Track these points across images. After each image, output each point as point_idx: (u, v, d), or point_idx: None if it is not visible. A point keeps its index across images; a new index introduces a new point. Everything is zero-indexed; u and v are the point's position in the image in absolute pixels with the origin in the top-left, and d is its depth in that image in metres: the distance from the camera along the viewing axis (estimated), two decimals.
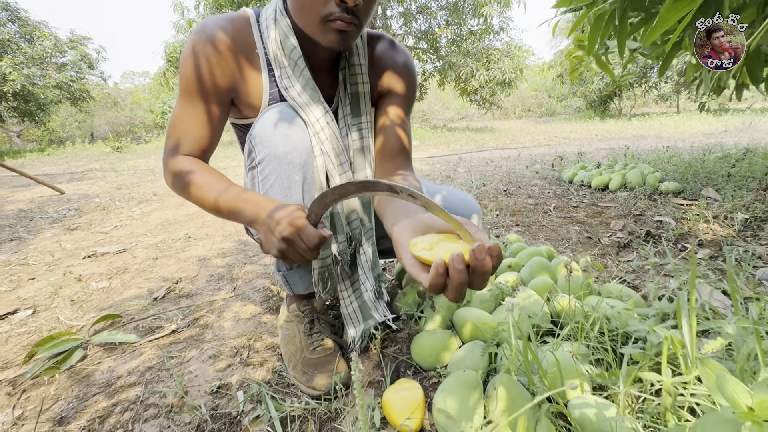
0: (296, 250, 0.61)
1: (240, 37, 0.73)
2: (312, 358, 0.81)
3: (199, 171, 0.72)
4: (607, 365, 0.71)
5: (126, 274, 1.53)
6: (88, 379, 0.87)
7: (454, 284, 0.42)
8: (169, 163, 0.74)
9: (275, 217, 0.61)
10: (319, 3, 0.63)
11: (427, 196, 0.48)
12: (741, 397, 0.34)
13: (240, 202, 0.67)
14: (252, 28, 0.74)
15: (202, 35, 0.71)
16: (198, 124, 0.74)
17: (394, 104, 0.84)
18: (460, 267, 0.41)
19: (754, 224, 1.59)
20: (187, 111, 0.73)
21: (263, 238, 0.64)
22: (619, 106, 15.92)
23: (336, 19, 0.63)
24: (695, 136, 6.11)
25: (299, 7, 0.65)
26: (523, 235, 1.67)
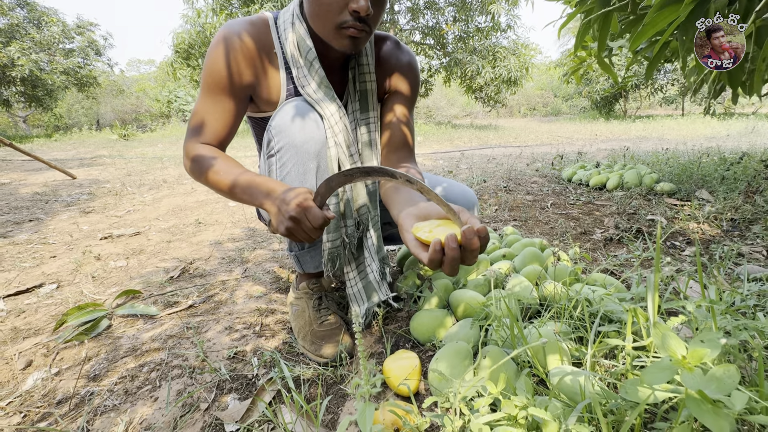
0: (302, 228, 0.68)
1: (261, 39, 0.80)
2: (320, 330, 0.89)
3: (216, 158, 0.79)
4: (585, 342, 0.79)
5: (142, 254, 1.62)
6: (115, 345, 0.96)
7: (449, 259, 0.51)
8: (189, 150, 0.81)
9: (285, 199, 0.68)
10: (334, 12, 0.70)
11: (421, 182, 0.56)
12: (678, 349, 0.42)
13: (253, 185, 0.74)
14: (271, 30, 0.82)
15: (226, 37, 0.78)
16: (218, 118, 0.82)
17: (399, 102, 0.92)
18: (453, 245, 0.50)
19: (742, 225, 1.67)
20: (210, 105, 0.81)
21: (273, 218, 0.71)
22: (624, 107, 15.89)
23: (349, 27, 0.71)
24: (697, 139, 6.14)
25: (315, 14, 0.73)
26: (519, 229, 1.75)
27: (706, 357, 0.39)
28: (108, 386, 0.80)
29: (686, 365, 0.39)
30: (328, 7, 0.70)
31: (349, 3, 0.68)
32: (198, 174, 0.81)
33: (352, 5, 0.68)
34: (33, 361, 0.90)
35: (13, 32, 12.71)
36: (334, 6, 0.69)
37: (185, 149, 0.83)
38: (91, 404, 0.74)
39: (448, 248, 0.51)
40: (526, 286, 0.97)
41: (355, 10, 0.68)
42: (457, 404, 0.53)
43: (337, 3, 0.69)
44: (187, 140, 0.83)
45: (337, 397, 0.75)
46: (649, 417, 0.58)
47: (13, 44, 12.21)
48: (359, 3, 0.67)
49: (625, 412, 0.48)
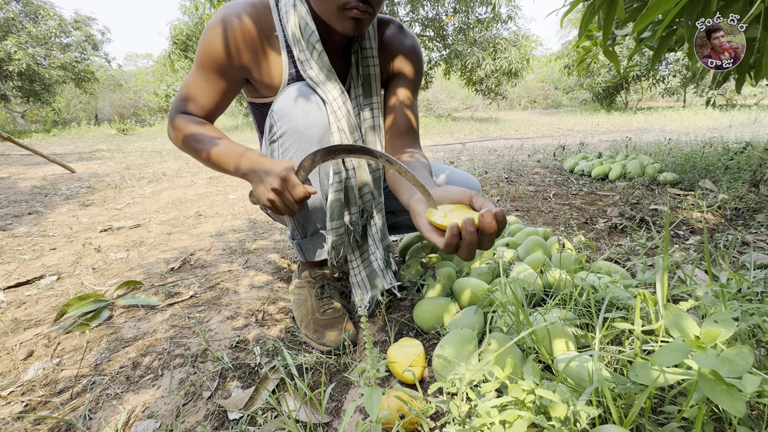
0: (283, 200, 0.69)
1: (260, 21, 0.78)
2: (322, 318, 0.88)
3: (201, 126, 0.80)
4: (591, 329, 0.79)
5: (142, 246, 1.61)
6: (117, 335, 0.95)
7: (466, 243, 0.51)
8: (175, 120, 0.82)
9: (268, 170, 0.69)
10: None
11: (401, 163, 0.56)
12: (691, 330, 0.41)
13: (236, 155, 0.75)
14: (272, 11, 0.80)
15: (225, 17, 0.76)
16: (208, 95, 0.81)
17: (402, 86, 0.90)
18: (471, 229, 0.49)
19: (746, 214, 1.65)
20: (201, 82, 0.80)
21: (255, 188, 0.72)
22: (626, 99, 15.78)
23: (352, 8, 0.69)
24: (699, 130, 6.10)
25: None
26: (522, 219, 1.74)
27: (720, 337, 0.38)
28: (110, 375, 0.79)
29: (699, 345, 0.38)
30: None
31: None
32: (181, 141, 0.81)
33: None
34: (34, 351, 0.89)
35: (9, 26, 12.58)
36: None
37: (170, 117, 0.83)
38: (93, 393, 0.74)
39: (465, 232, 0.50)
40: (531, 274, 0.96)
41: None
42: (463, 389, 0.52)
43: None
44: (173, 110, 0.83)
45: (340, 385, 0.74)
46: (658, 401, 0.58)
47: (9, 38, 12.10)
48: None
49: (635, 395, 0.47)
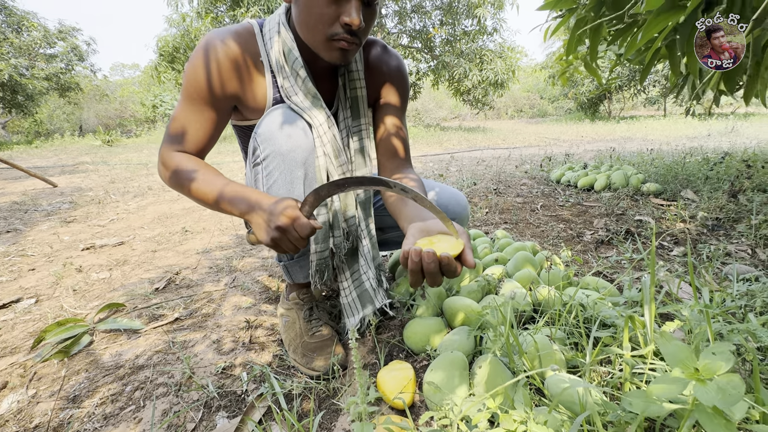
0: (288, 239, 0.67)
1: (246, 48, 0.78)
2: (311, 342, 0.87)
3: (198, 168, 0.76)
4: (581, 348, 0.79)
5: (126, 265, 1.57)
6: (97, 362, 0.92)
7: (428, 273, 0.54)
8: (167, 159, 0.78)
9: (272, 209, 0.67)
10: (325, 24, 0.68)
11: (416, 191, 0.56)
12: (690, 363, 0.41)
13: (238, 196, 0.72)
14: (256, 38, 0.79)
15: (209, 45, 0.75)
16: (199, 128, 0.79)
17: (391, 106, 0.91)
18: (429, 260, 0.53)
19: (727, 224, 1.69)
20: (190, 115, 0.78)
21: (257, 228, 0.70)
22: (609, 108, 16.20)
23: (340, 39, 0.69)
24: (680, 139, 6.28)
25: (305, 24, 0.71)
26: (510, 231, 1.75)
27: (720, 370, 0.38)
28: (89, 408, 0.76)
29: (699, 378, 0.38)
30: (319, 18, 0.68)
31: (341, 15, 0.67)
32: (177, 184, 0.78)
33: (344, 18, 0.67)
34: (8, 382, 0.85)
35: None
36: (326, 18, 0.67)
37: (162, 156, 0.79)
38: (71, 429, 0.71)
39: (425, 263, 0.53)
40: (521, 293, 0.96)
41: (347, 23, 0.67)
42: (456, 421, 0.51)
43: (329, 15, 0.67)
44: (165, 147, 0.80)
45: (330, 411, 0.73)
46: (648, 425, 0.58)
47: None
48: (351, 16, 0.66)
49: (626, 424, 0.47)
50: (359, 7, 0.67)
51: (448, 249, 0.53)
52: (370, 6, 0.70)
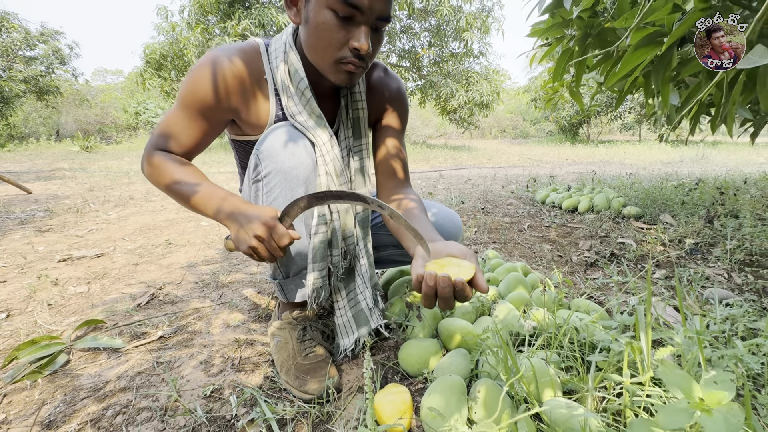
0: (266, 247, 0.67)
1: (250, 66, 0.78)
2: (304, 363, 0.84)
3: (181, 167, 0.77)
4: (576, 372, 0.80)
5: (105, 279, 1.50)
6: (75, 384, 0.86)
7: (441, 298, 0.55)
8: (152, 156, 0.78)
9: (250, 216, 0.67)
10: (335, 47, 0.70)
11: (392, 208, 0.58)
12: (693, 391, 0.42)
13: (216, 199, 0.72)
14: (262, 57, 0.80)
15: (215, 58, 0.76)
16: (190, 135, 0.80)
17: (391, 127, 0.92)
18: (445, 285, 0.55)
19: (704, 248, 1.77)
20: (184, 121, 0.78)
21: (235, 235, 0.70)
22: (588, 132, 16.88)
23: (348, 62, 0.71)
24: (655, 164, 6.57)
25: (314, 47, 0.72)
26: (499, 251, 1.77)
27: (724, 399, 0.39)
28: None
29: (704, 408, 0.39)
30: (328, 42, 0.69)
31: (350, 40, 0.69)
32: (157, 179, 0.78)
33: (353, 43, 0.68)
34: None
35: None
36: (335, 42, 0.69)
37: (147, 152, 0.79)
38: None
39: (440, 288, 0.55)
40: (514, 314, 0.97)
41: (356, 48, 0.68)
42: None
43: (338, 39, 0.69)
44: (151, 145, 0.80)
45: None
46: None
47: None
48: (360, 41, 0.67)
49: None
50: (368, 32, 0.68)
51: (460, 274, 0.54)
52: (378, 31, 0.72)
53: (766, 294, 1.30)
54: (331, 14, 0.67)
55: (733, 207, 2.35)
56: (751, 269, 1.49)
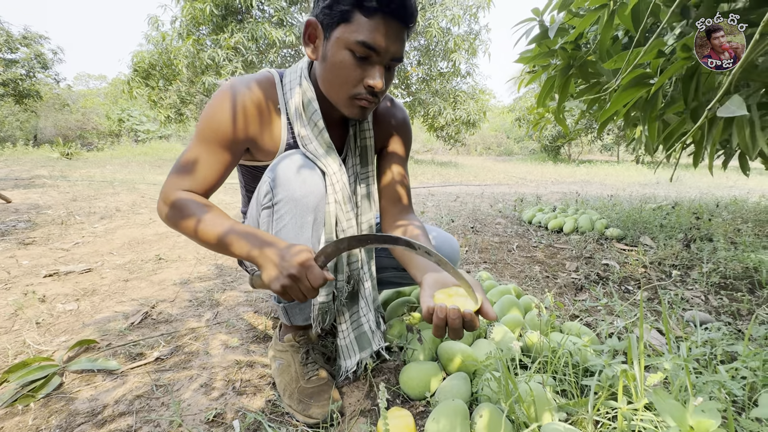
0: (299, 287, 0.67)
1: (266, 97, 0.82)
2: (308, 387, 0.85)
3: (204, 206, 0.76)
4: (571, 395, 0.83)
5: (95, 296, 1.47)
6: (70, 408, 0.85)
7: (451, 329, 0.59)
8: (170, 195, 0.77)
9: (285, 255, 0.67)
10: (351, 85, 0.74)
11: (440, 255, 0.60)
12: (684, 419, 0.46)
13: (247, 238, 0.71)
14: (276, 87, 0.83)
15: (234, 90, 0.78)
16: (210, 168, 0.80)
17: (396, 155, 0.97)
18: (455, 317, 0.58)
19: (682, 271, 1.86)
20: (204, 154, 0.79)
21: (267, 273, 0.68)
22: (569, 151, 17.47)
23: (362, 99, 0.75)
24: (633, 185, 6.85)
25: (330, 83, 0.76)
26: (490, 271, 1.82)
27: (711, 427, 0.43)
28: None
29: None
30: (345, 79, 0.73)
31: (365, 78, 0.73)
32: (177, 221, 0.76)
33: (368, 81, 0.72)
34: None
35: None
36: (351, 79, 0.73)
37: (165, 192, 0.78)
38: None
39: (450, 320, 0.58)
40: (510, 337, 1.01)
41: (371, 86, 0.73)
42: None
43: (355, 77, 0.73)
44: (170, 184, 0.79)
45: None
46: None
47: None
48: (375, 80, 0.72)
49: None
50: (383, 71, 0.73)
51: (467, 304, 0.57)
52: (390, 70, 0.76)
53: (741, 316, 1.38)
54: (349, 54, 0.71)
55: (708, 230, 2.48)
56: (726, 292, 1.57)
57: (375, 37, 0.69)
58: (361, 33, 0.69)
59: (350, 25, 0.69)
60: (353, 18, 0.69)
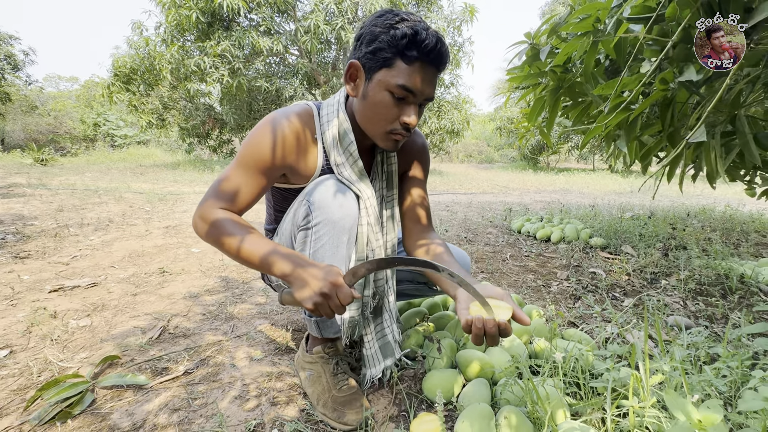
0: (329, 304, 0.73)
1: (306, 126, 0.89)
2: (340, 396, 0.92)
3: (244, 227, 0.82)
4: (580, 396, 0.92)
5: (105, 311, 1.48)
6: (109, 423, 0.88)
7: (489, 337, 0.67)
8: (208, 213, 0.82)
9: (316, 274, 0.73)
10: (388, 122, 0.82)
11: (461, 276, 0.68)
12: (692, 414, 0.55)
13: (282, 257, 0.77)
14: (314, 119, 0.91)
15: (277, 121, 0.85)
16: (248, 191, 0.86)
17: (417, 179, 1.05)
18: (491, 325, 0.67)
19: (662, 278, 2.01)
20: (243, 178, 0.85)
21: (298, 291, 0.74)
22: (547, 160, 18.08)
23: (397, 134, 0.84)
24: (609, 194, 7.19)
25: (368, 118, 0.84)
26: (488, 281, 1.92)
27: (716, 421, 0.52)
28: None
29: (702, 428, 0.52)
30: (383, 117, 0.81)
31: (401, 116, 0.81)
32: (218, 238, 0.81)
33: (404, 118, 0.81)
34: None
35: None
36: (389, 117, 0.81)
37: (204, 210, 0.83)
38: None
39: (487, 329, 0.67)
40: (519, 344, 1.10)
41: (406, 123, 0.81)
42: None
43: (392, 115, 0.81)
44: (209, 202, 0.84)
45: None
46: None
47: None
48: (411, 118, 0.80)
49: None
50: (416, 110, 0.82)
51: (500, 314, 0.66)
52: (421, 107, 0.85)
53: (716, 320, 1.52)
54: (389, 95, 0.79)
55: (682, 239, 2.68)
56: (702, 298, 1.72)
57: (414, 82, 0.78)
58: (401, 78, 0.77)
59: (392, 70, 0.78)
60: (395, 64, 0.77)
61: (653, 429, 0.71)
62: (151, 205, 4.06)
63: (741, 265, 2.05)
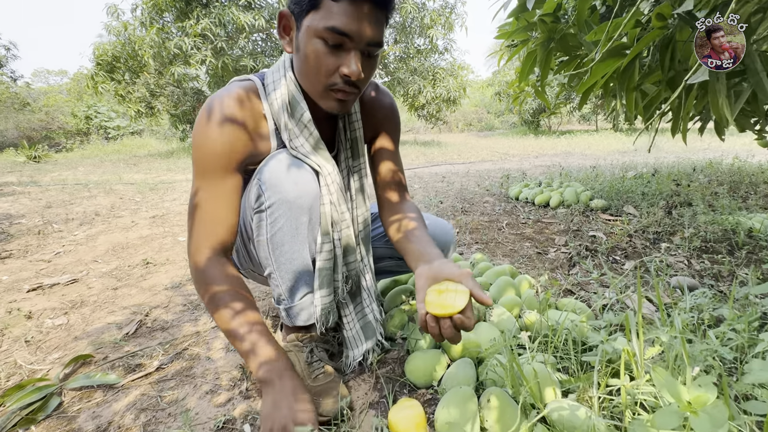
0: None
1: (251, 107, 0.78)
2: (315, 386, 0.86)
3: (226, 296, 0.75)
4: (571, 372, 0.86)
5: (84, 307, 1.43)
6: (74, 427, 0.83)
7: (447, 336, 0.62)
8: (198, 260, 0.76)
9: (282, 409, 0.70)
10: (325, 74, 0.70)
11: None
12: (682, 395, 0.48)
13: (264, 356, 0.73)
14: (259, 93, 0.80)
15: (215, 112, 0.74)
16: (225, 203, 0.76)
17: (387, 142, 0.95)
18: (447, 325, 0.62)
19: (665, 237, 1.92)
20: (213, 190, 0.75)
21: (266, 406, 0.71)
22: (549, 123, 17.62)
23: (338, 90, 0.71)
24: (612, 154, 6.99)
25: (305, 74, 0.73)
26: (483, 251, 1.84)
27: (708, 401, 0.45)
28: None
29: (692, 410, 0.45)
30: (318, 69, 0.70)
31: (340, 67, 0.69)
32: (201, 293, 0.77)
33: (343, 69, 0.68)
34: None
35: None
36: (325, 69, 0.69)
37: (192, 250, 0.76)
38: None
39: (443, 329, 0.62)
40: (508, 318, 1.03)
41: (346, 75, 0.69)
42: None
43: (328, 66, 0.69)
44: (194, 240, 0.76)
45: None
46: None
47: None
48: (351, 68, 0.68)
49: None
50: (358, 58, 0.69)
51: (458, 303, 0.58)
52: (371, 57, 0.72)
53: (722, 278, 1.44)
54: (321, 42, 0.67)
55: (687, 195, 2.56)
56: (707, 255, 1.64)
57: (345, 22, 0.65)
58: (330, 18, 0.65)
59: (319, 12, 0.66)
60: (322, 4, 0.65)
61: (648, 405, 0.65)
62: (142, 195, 3.99)
63: (749, 218, 1.95)
